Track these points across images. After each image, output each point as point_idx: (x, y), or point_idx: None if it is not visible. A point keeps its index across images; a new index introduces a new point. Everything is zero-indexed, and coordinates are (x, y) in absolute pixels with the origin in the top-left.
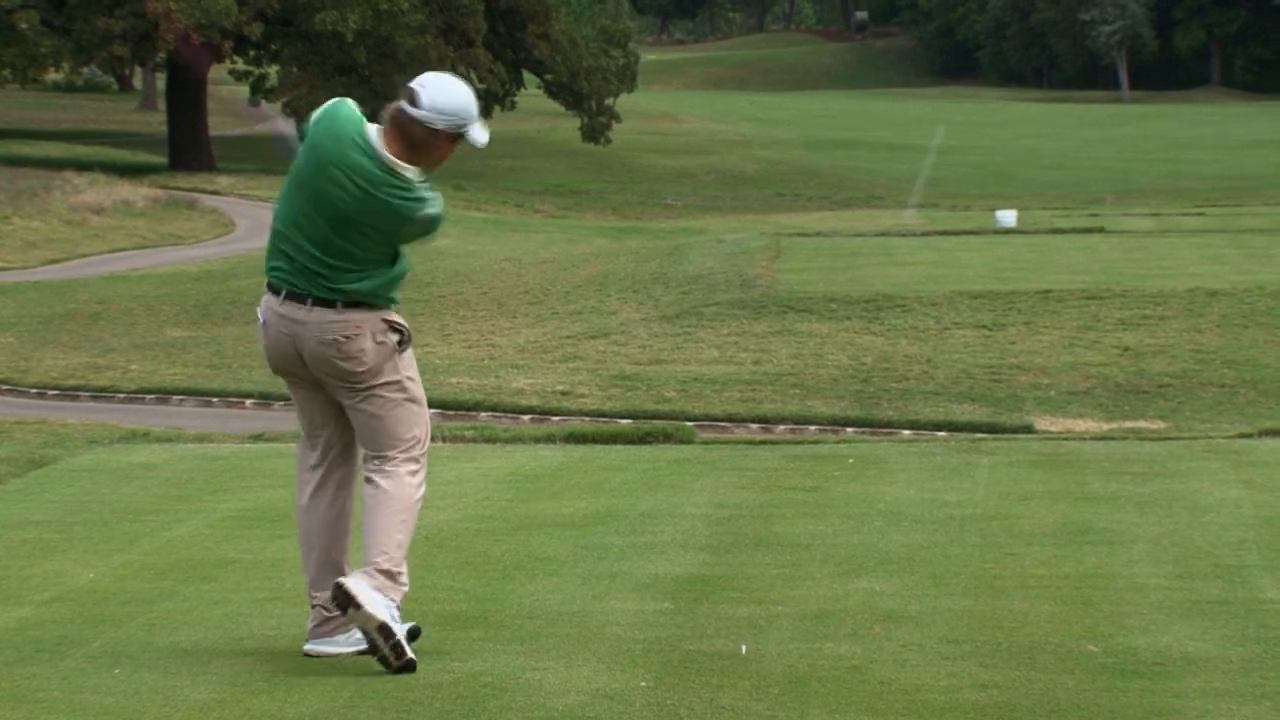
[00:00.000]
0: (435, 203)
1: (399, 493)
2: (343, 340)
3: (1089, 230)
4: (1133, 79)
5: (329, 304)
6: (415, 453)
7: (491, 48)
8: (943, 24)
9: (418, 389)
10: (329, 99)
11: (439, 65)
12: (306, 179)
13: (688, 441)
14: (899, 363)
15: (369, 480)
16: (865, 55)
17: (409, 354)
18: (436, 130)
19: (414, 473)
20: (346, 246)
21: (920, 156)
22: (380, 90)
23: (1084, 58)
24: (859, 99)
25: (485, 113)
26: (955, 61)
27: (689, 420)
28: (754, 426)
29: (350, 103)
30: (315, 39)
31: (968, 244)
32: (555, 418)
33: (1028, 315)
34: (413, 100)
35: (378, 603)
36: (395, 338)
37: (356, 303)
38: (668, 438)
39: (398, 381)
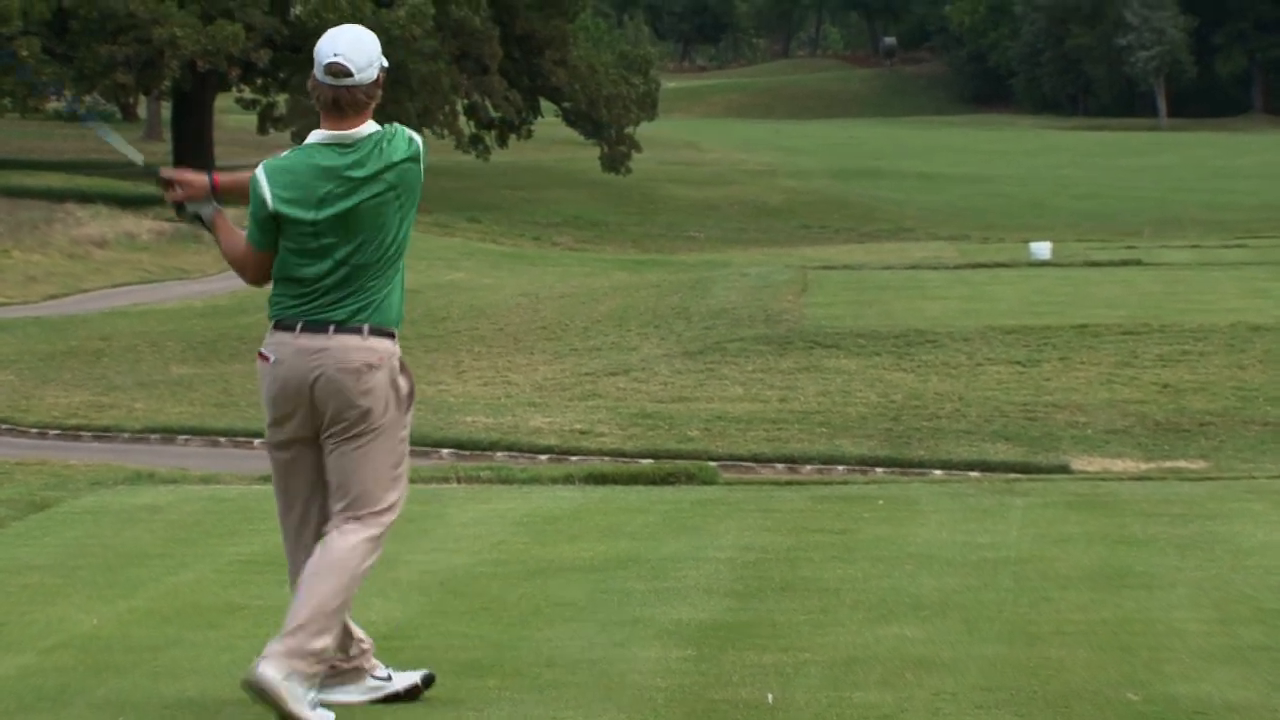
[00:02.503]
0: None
1: (347, 560)
2: (365, 370)
3: (1126, 263)
4: (1171, 106)
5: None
6: (384, 520)
7: (507, 75)
8: (974, 49)
9: (406, 451)
10: None
11: (452, 91)
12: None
13: (711, 482)
14: (930, 400)
15: (325, 533)
16: (894, 82)
17: (410, 419)
18: (376, 79)
19: (372, 541)
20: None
21: (953, 185)
22: (392, 118)
23: (1121, 84)
24: (888, 127)
25: (502, 141)
26: (987, 88)
27: (712, 460)
28: (780, 467)
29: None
30: None
31: (1000, 277)
32: (574, 458)
33: (1063, 351)
34: (345, 73)
35: (299, 697)
36: (406, 380)
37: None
38: (690, 478)
39: (395, 439)
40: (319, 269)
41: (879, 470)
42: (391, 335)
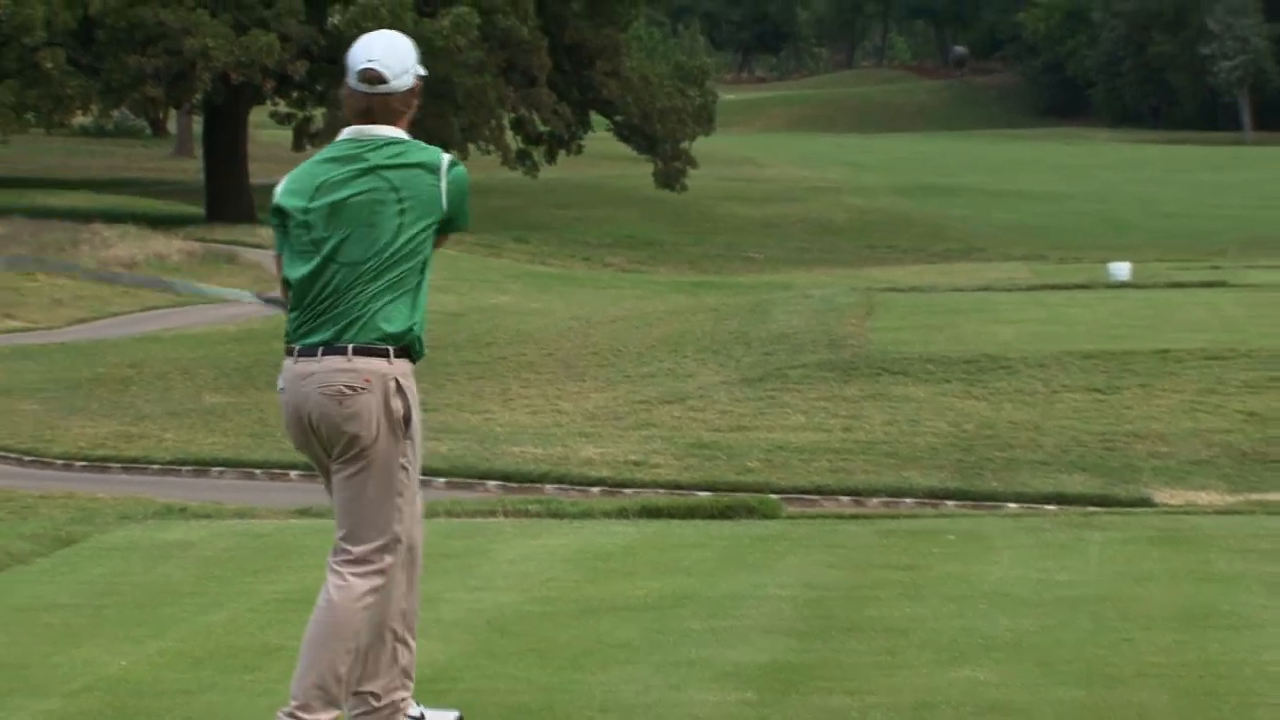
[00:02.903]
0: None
1: (344, 610)
2: (347, 393)
3: (1210, 284)
4: (1257, 118)
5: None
6: (381, 563)
7: (556, 87)
8: (1050, 58)
9: (408, 482)
10: None
11: (498, 105)
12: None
13: (772, 516)
14: (1003, 430)
15: (328, 576)
16: (965, 93)
17: (413, 443)
18: (413, 88)
19: (374, 593)
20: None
21: (1027, 202)
22: (434, 134)
23: (1204, 95)
24: (958, 141)
25: (550, 157)
26: (1064, 99)
27: (773, 493)
28: (845, 499)
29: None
30: None
31: (1078, 299)
32: (627, 490)
33: (1144, 377)
34: (379, 79)
35: None
36: (400, 402)
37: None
38: (750, 512)
39: (392, 468)
40: (308, 269)
41: (949, 503)
42: (385, 354)
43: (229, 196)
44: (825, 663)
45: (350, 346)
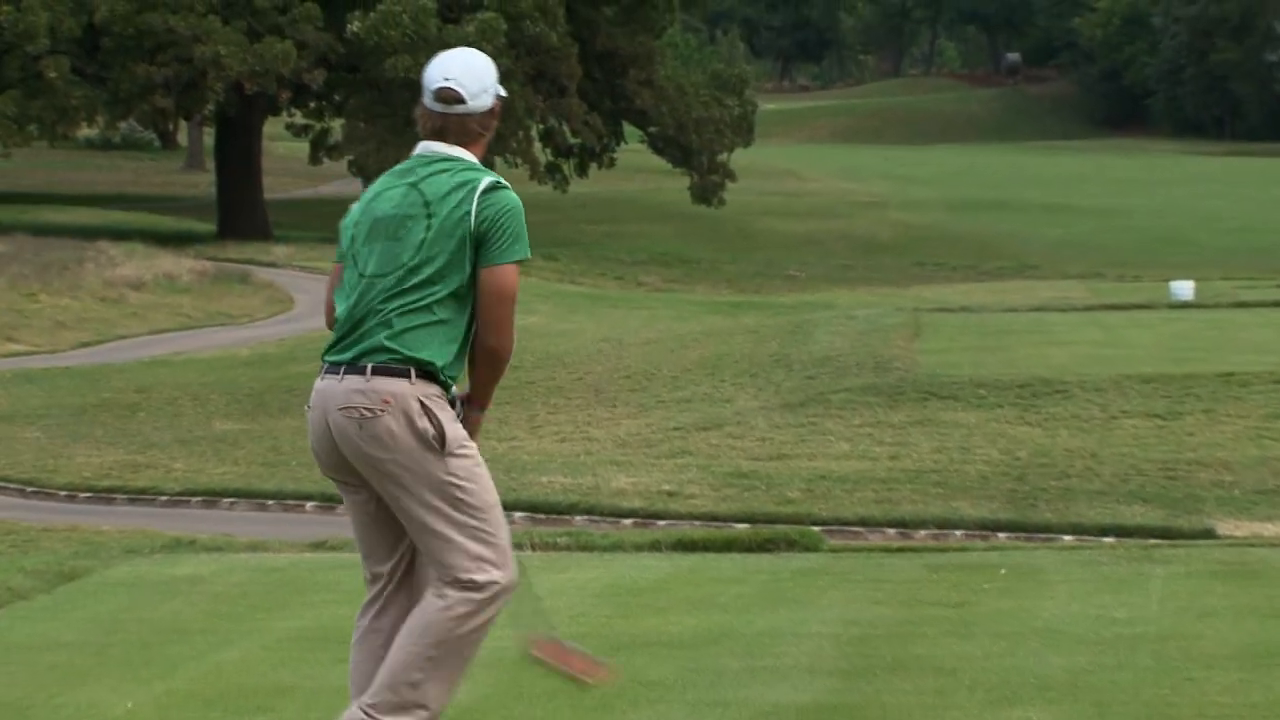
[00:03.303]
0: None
1: (436, 621)
2: (366, 415)
3: (1278, 304)
4: None
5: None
6: (474, 596)
7: (587, 96)
8: (1107, 66)
9: (473, 497)
10: (399, 155)
11: (527, 115)
12: None
13: (814, 549)
14: (1059, 457)
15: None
16: (1018, 103)
17: (460, 456)
18: (491, 109)
19: (457, 619)
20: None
21: (1084, 218)
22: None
23: (1271, 104)
24: (1010, 153)
25: (581, 170)
26: (1122, 109)
27: (815, 524)
28: (891, 532)
29: None
30: (385, 88)
31: (1138, 320)
32: (661, 522)
33: (1208, 402)
34: (457, 99)
35: None
36: (425, 421)
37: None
38: (791, 545)
39: (437, 486)
40: (348, 280)
41: (1001, 536)
42: (406, 374)
43: (242, 212)
44: (869, 704)
45: (369, 366)
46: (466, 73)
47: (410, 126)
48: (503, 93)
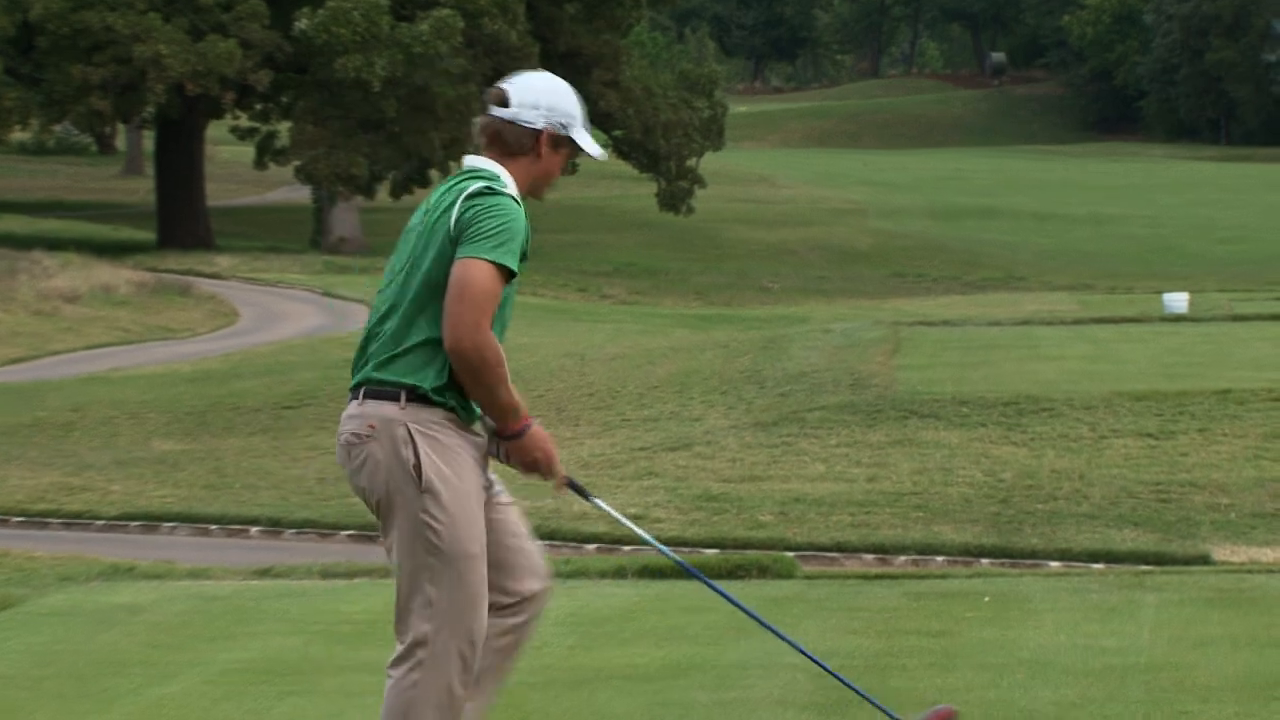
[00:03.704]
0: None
1: (389, 696)
2: (354, 442)
3: (1277, 317)
4: None
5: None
6: (417, 656)
7: None
8: (1098, 67)
9: (431, 551)
10: (350, 160)
11: None
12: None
13: (788, 576)
14: (1045, 479)
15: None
16: (1003, 105)
17: (441, 496)
18: (536, 130)
19: (417, 669)
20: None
21: (1072, 227)
22: (413, 149)
23: (1269, 107)
24: (996, 158)
25: None
26: (1113, 112)
27: (789, 550)
28: (868, 557)
29: None
30: (335, 89)
31: (1129, 334)
32: (626, 548)
33: (1203, 421)
34: (502, 101)
35: None
36: (409, 450)
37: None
38: (763, 571)
39: (411, 527)
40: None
41: (984, 562)
42: (395, 397)
43: (183, 221)
44: None
45: (364, 389)
46: (525, 84)
47: (364, 130)
48: (562, 127)
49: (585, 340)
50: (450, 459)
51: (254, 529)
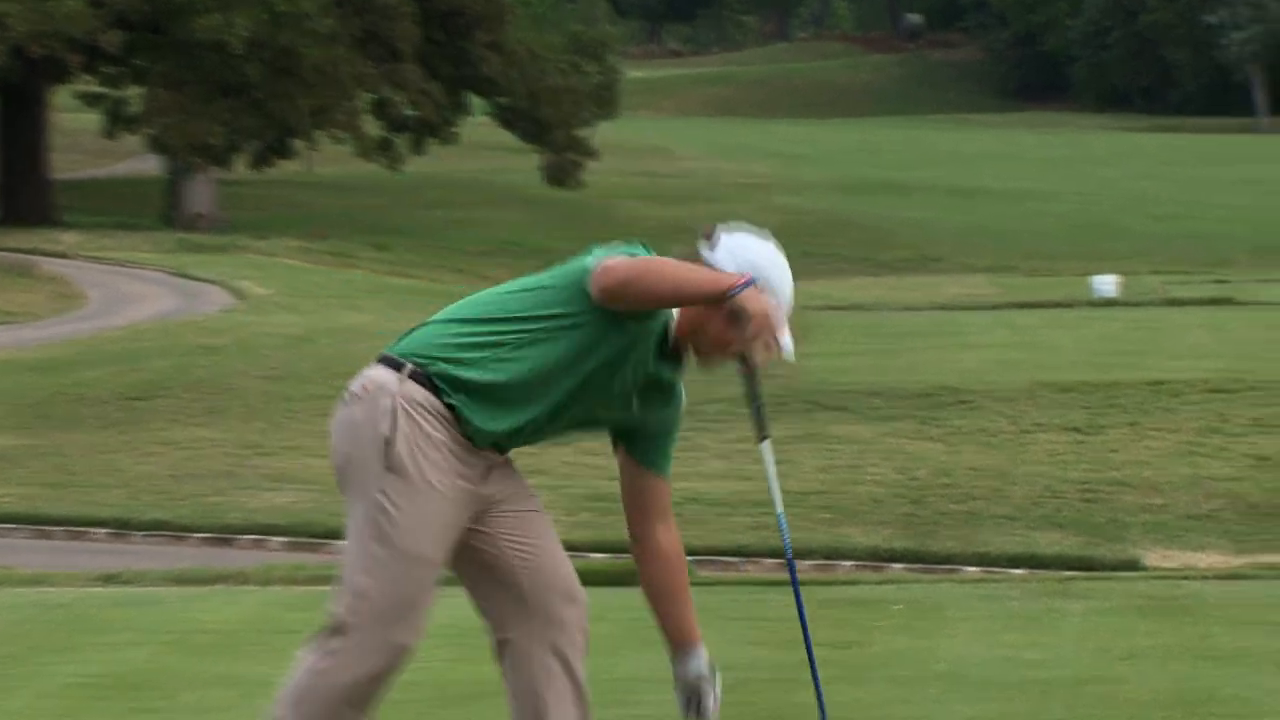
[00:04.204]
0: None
1: (301, 683)
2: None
3: (1215, 301)
4: (1272, 101)
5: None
6: (333, 643)
7: (426, 62)
8: (1022, 30)
9: (394, 545)
10: (207, 128)
11: (355, 84)
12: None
13: None
14: (962, 478)
15: None
16: (920, 70)
17: (408, 483)
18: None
19: (328, 657)
20: None
21: (995, 203)
22: (278, 117)
23: (1209, 73)
24: (912, 128)
25: (418, 147)
26: (1039, 78)
27: (685, 554)
28: (770, 563)
29: None
30: (193, 51)
31: (1054, 320)
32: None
33: (1133, 414)
34: (710, 238)
35: None
36: (388, 423)
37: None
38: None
39: (368, 503)
40: None
41: (896, 567)
42: (399, 366)
43: (25, 194)
44: None
45: (383, 355)
46: (741, 238)
47: (224, 96)
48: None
49: None
50: (430, 450)
51: (100, 531)
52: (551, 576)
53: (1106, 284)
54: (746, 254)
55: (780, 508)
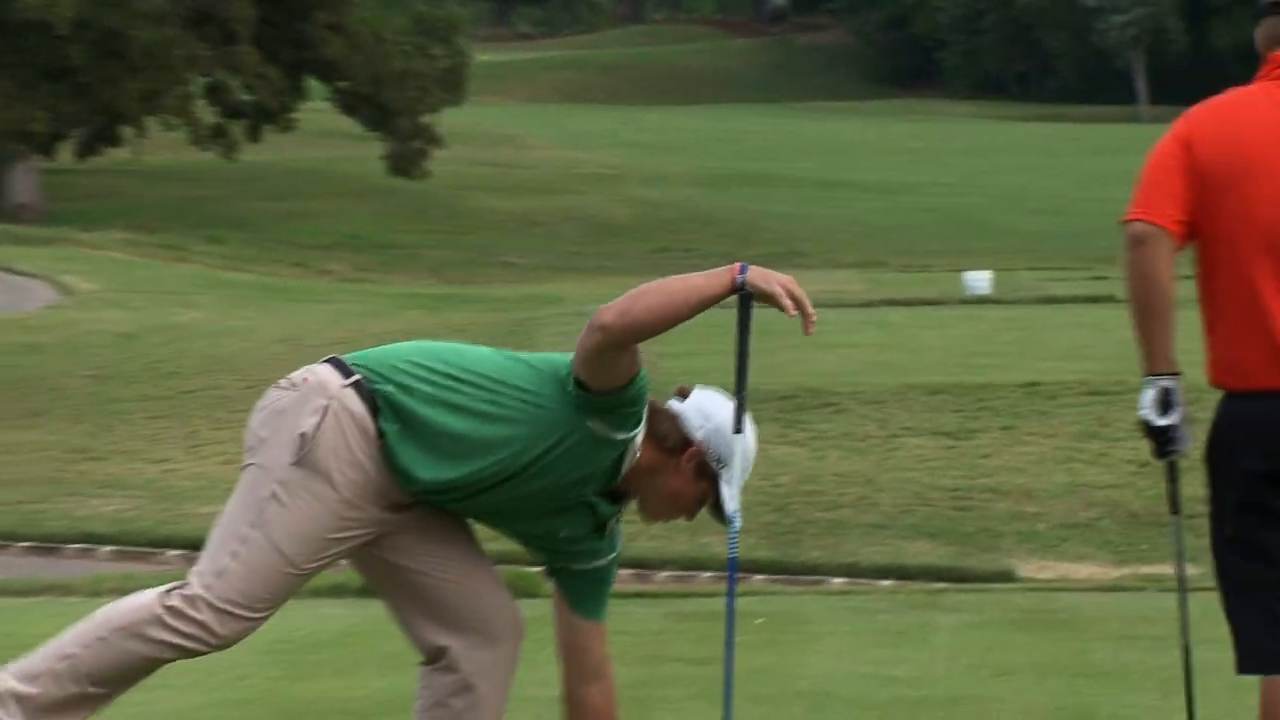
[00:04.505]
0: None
1: (127, 607)
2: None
3: (1095, 299)
4: (1154, 89)
5: None
6: (190, 591)
7: (263, 44)
8: (893, 13)
9: (270, 536)
10: (31, 114)
11: (187, 67)
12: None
13: (531, 594)
14: (828, 484)
15: None
16: (784, 56)
17: (310, 485)
18: (689, 439)
19: (175, 613)
20: None
21: (863, 196)
22: (106, 102)
23: (1089, 59)
24: (776, 117)
25: (254, 134)
26: (910, 64)
27: (532, 565)
28: (625, 573)
29: None
30: (14, 32)
31: (925, 318)
32: (344, 562)
33: (1008, 418)
34: (684, 395)
35: None
36: (313, 421)
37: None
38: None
39: (264, 487)
40: None
41: (758, 578)
42: (347, 372)
43: None
44: None
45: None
46: (712, 398)
47: (48, 80)
48: (719, 473)
49: (302, 323)
50: (346, 468)
51: None
52: (487, 608)
53: (980, 281)
54: (710, 412)
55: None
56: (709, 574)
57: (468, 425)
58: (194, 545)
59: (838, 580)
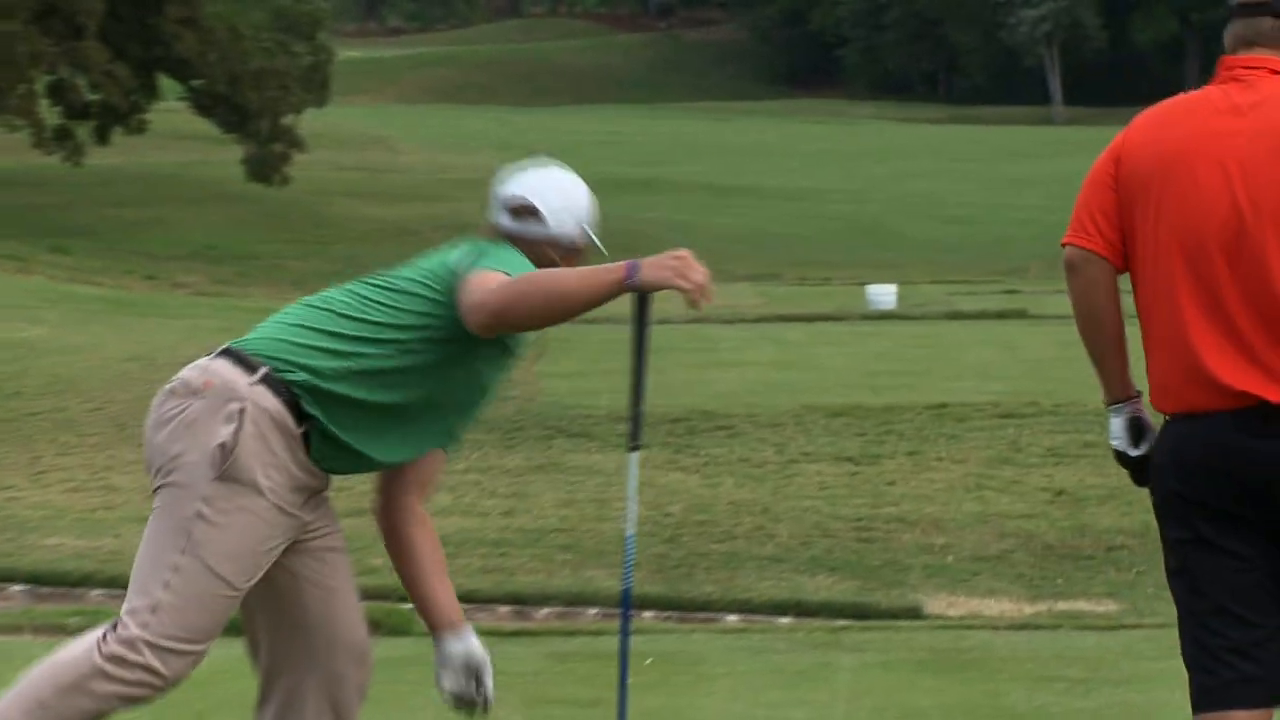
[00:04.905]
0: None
1: (63, 664)
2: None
3: (1005, 314)
4: (1070, 88)
5: None
6: (127, 634)
7: (111, 40)
8: (789, 8)
9: (204, 561)
10: None
11: (31, 66)
12: None
13: (404, 632)
14: (721, 514)
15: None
16: (673, 53)
17: (237, 498)
18: (578, 248)
19: (115, 661)
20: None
21: (758, 203)
22: None
23: (999, 58)
24: (663, 118)
25: (101, 136)
26: (807, 63)
27: (405, 601)
28: (504, 610)
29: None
30: None
31: (825, 335)
32: None
33: (914, 442)
34: (534, 213)
35: None
36: (230, 429)
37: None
38: (374, 627)
39: (186, 509)
40: None
41: (647, 615)
42: (251, 367)
43: None
44: None
45: (227, 347)
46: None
47: None
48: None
49: (154, 341)
50: (272, 471)
51: None
52: (344, 629)
53: (884, 294)
54: (568, 198)
55: (632, 529)
56: (594, 610)
57: (387, 392)
58: (38, 580)
59: (732, 617)
